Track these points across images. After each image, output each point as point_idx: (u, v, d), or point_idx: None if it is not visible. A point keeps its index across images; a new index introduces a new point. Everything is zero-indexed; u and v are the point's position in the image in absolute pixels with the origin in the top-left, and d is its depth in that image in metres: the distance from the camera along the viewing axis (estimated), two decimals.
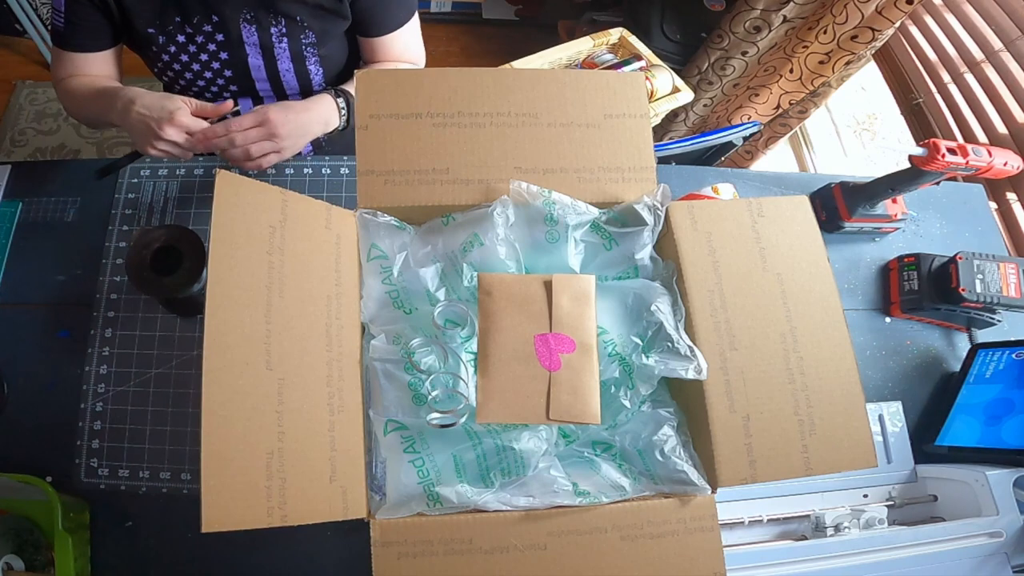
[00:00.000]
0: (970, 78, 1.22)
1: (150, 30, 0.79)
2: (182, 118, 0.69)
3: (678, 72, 1.33)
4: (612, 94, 0.60)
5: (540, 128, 0.58)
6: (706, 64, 1.67)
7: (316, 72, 0.88)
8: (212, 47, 0.82)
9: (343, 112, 0.82)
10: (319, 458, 0.46)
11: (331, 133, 0.83)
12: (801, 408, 0.51)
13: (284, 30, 0.81)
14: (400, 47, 0.91)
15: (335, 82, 0.93)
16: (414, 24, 0.91)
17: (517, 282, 0.52)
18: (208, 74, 0.85)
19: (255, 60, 0.84)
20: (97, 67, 0.82)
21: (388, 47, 0.90)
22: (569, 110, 0.59)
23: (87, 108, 0.81)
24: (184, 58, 0.83)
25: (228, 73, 0.86)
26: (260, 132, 0.72)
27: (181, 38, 0.80)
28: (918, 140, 1.28)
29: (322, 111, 0.80)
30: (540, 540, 0.47)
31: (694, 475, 0.50)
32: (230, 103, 0.74)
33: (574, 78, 0.60)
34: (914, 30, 1.37)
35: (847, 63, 1.42)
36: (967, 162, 0.76)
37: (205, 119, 0.72)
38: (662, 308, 0.53)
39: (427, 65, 1.01)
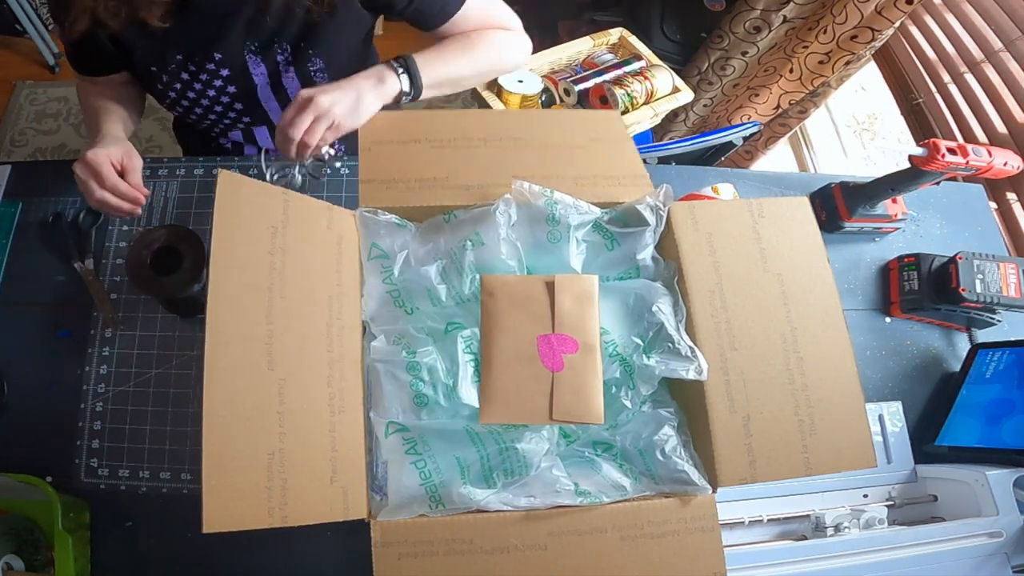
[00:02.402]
0: (970, 78, 1.22)
1: (152, 68, 0.76)
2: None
3: (678, 72, 1.33)
4: (591, 126, 0.64)
5: (533, 148, 0.61)
6: (706, 64, 1.67)
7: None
8: (218, 83, 0.79)
9: (400, 70, 0.70)
10: (320, 458, 0.46)
11: (398, 102, 0.72)
12: (801, 408, 0.51)
13: (290, 57, 0.79)
14: (471, 25, 0.79)
15: None
16: None
17: (519, 283, 0.53)
18: (218, 108, 0.83)
19: (264, 90, 0.82)
20: (106, 85, 0.80)
21: (455, 30, 0.79)
22: (557, 135, 0.63)
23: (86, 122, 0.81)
24: (191, 95, 0.80)
25: (239, 106, 0.84)
26: (305, 115, 0.64)
27: (185, 76, 0.78)
28: (918, 140, 1.28)
29: (368, 73, 0.69)
30: (540, 540, 0.47)
31: (694, 475, 0.50)
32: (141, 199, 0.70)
33: (555, 117, 0.66)
34: (914, 30, 1.37)
35: (847, 63, 1.42)
36: (967, 162, 0.76)
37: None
38: (663, 308, 0.53)
39: None
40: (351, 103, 0.66)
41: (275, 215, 0.50)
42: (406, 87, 0.71)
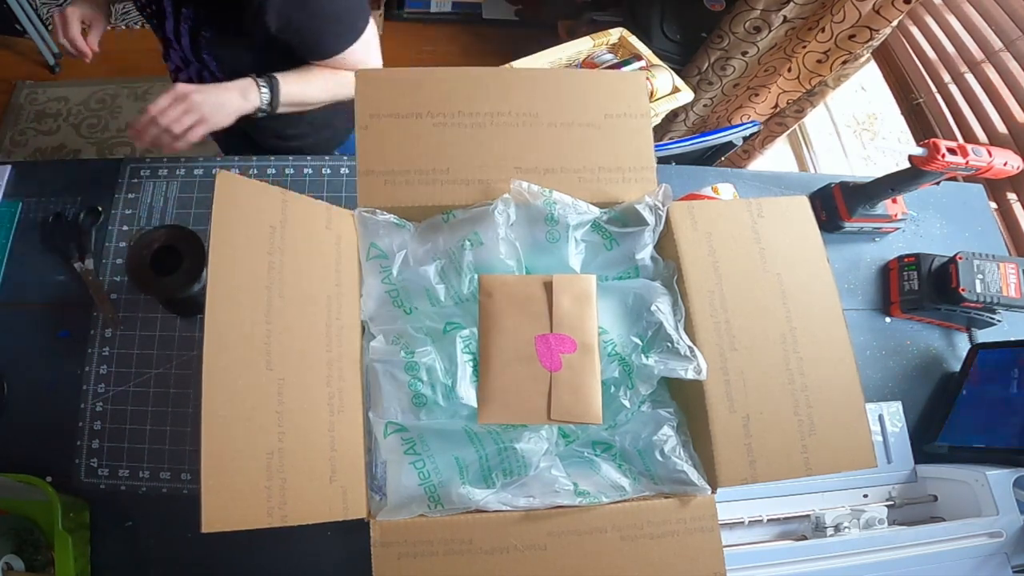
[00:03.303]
0: (970, 78, 1.22)
1: None
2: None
3: (678, 72, 1.33)
4: (612, 94, 0.60)
5: (540, 128, 0.58)
6: (706, 64, 1.67)
7: (210, 61, 0.88)
8: None
9: (263, 89, 0.81)
10: (319, 458, 0.46)
11: (258, 112, 0.82)
12: (801, 408, 0.51)
13: (191, 15, 0.83)
14: (342, 66, 0.87)
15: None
16: (361, 44, 0.86)
17: (517, 283, 0.53)
18: (146, 12, 0.88)
19: (170, 23, 0.86)
20: None
21: (327, 65, 0.87)
22: (569, 110, 0.59)
23: None
24: None
25: (153, 20, 0.89)
26: (177, 107, 0.75)
27: None
28: (918, 140, 1.28)
29: (236, 84, 0.80)
30: (540, 540, 0.47)
31: (694, 475, 0.50)
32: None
33: (574, 78, 0.60)
34: (914, 30, 1.37)
35: (844, 62, 1.42)
36: (967, 162, 0.76)
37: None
38: (662, 308, 0.53)
39: (427, 65, 1.00)
40: (218, 104, 0.78)
41: (274, 215, 0.50)
42: (264, 104, 0.82)
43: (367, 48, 0.87)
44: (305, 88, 0.85)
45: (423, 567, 0.46)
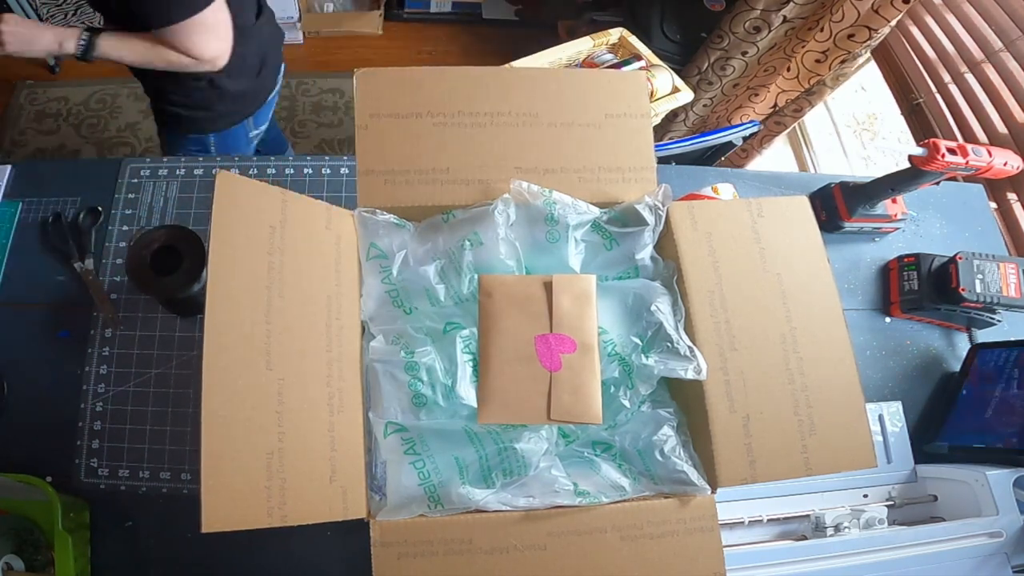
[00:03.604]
0: (970, 78, 1.22)
1: None
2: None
3: (678, 72, 1.33)
4: (613, 93, 0.60)
5: (540, 128, 0.58)
6: (706, 64, 1.67)
7: (93, 11, 0.94)
8: None
9: (83, 41, 0.89)
10: (319, 458, 0.46)
11: (72, 58, 0.90)
12: (801, 408, 0.51)
13: None
14: (166, 41, 0.90)
15: None
16: (186, 27, 0.87)
17: (517, 283, 0.53)
18: None
19: None
20: None
21: (155, 38, 0.90)
22: (569, 110, 0.59)
23: None
24: None
25: None
26: None
27: None
28: (918, 140, 1.28)
29: (60, 31, 0.89)
30: (540, 540, 0.47)
31: (694, 475, 0.50)
32: None
33: (574, 77, 0.60)
34: (914, 30, 1.37)
35: (843, 62, 1.42)
36: (967, 162, 0.76)
37: None
38: (662, 308, 0.53)
39: (427, 65, 1.00)
40: (25, 41, 0.88)
41: (274, 215, 0.50)
42: (78, 54, 0.89)
43: (192, 33, 0.89)
44: (120, 49, 0.92)
45: (423, 567, 0.46)
